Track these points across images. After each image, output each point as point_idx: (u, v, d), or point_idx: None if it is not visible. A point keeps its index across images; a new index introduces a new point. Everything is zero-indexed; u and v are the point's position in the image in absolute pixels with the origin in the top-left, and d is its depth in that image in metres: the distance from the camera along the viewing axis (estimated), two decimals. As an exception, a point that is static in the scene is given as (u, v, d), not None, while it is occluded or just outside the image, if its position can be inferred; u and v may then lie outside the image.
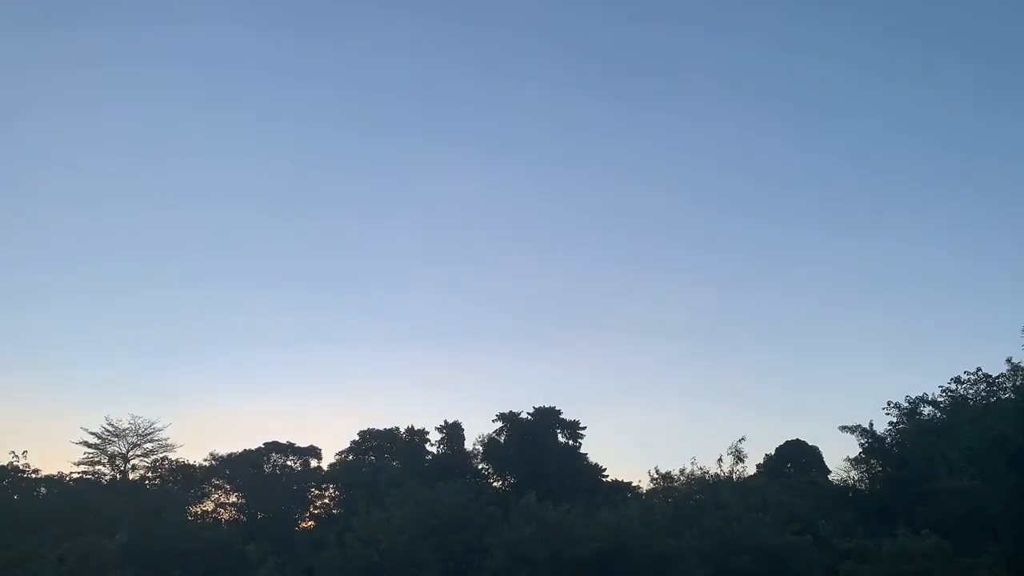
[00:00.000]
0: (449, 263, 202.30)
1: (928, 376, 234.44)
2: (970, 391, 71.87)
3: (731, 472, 65.22)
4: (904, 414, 71.28)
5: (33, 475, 75.11)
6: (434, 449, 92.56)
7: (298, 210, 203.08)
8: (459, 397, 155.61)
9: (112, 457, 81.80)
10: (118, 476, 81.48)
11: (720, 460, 65.24)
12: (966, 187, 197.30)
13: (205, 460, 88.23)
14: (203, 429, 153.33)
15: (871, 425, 70.54)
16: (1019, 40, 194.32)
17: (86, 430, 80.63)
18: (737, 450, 65.51)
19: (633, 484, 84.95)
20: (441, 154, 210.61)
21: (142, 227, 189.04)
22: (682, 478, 67.75)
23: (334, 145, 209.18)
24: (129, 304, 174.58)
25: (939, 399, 72.38)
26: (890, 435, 71.29)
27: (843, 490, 70.68)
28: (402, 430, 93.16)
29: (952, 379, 73.18)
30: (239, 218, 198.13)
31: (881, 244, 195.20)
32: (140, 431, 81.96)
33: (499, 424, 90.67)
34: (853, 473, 72.81)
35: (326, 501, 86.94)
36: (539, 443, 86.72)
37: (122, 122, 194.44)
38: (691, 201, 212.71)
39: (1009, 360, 64.90)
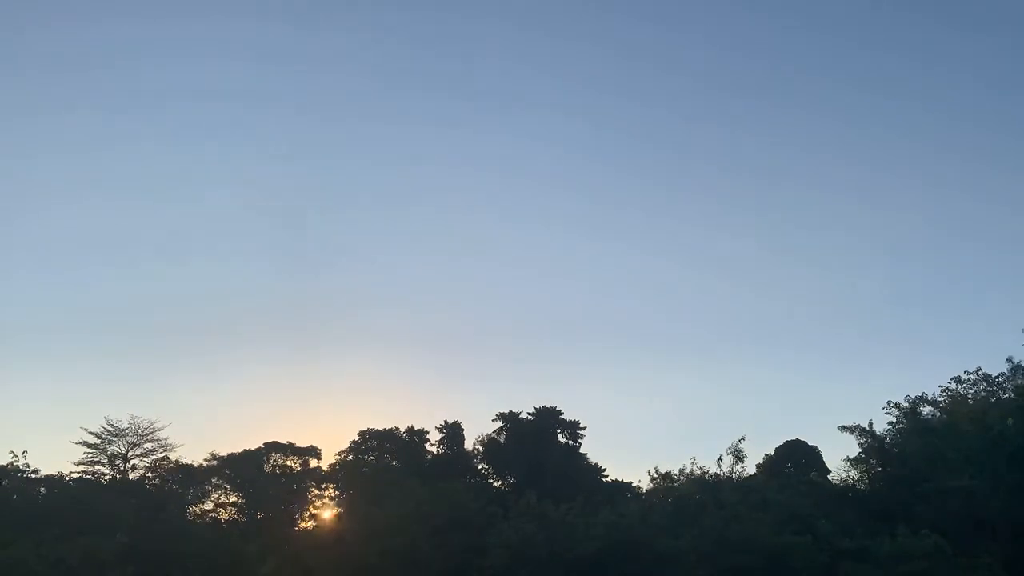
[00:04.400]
0: (449, 260, 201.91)
1: (928, 376, 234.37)
2: (970, 391, 72.15)
3: (731, 472, 65.16)
4: (904, 414, 71.28)
5: (33, 475, 75.18)
6: (434, 449, 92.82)
7: (298, 208, 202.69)
8: (459, 397, 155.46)
9: (112, 457, 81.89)
10: (118, 476, 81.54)
11: (720, 460, 65.16)
12: (966, 186, 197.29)
13: (205, 460, 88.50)
14: (203, 429, 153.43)
15: (871, 425, 70.56)
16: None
17: (86, 430, 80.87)
18: (737, 450, 65.37)
19: (633, 484, 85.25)
20: (447, 147, 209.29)
21: (142, 224, 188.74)
22: (682, 478, 67.63)
23: (336, 142, 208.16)
24: (129, 303, 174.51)
25: (939, 399, 72.61)
26: (890, 435, 71.28)
27: (843, 490, 70.67)
28: (402, 430, 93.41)
29: (952, 379, 73.58)
30: (238, 217, 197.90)
31: (881, 243, 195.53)
32: (140, 431, 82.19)
33: (499, 424, 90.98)
34: (853, 473, 72.87)
35: (326, 501, 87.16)
36: (539, 443, 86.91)
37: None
38: (691, 202, 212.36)
39: (1009, 360, 65.17)
